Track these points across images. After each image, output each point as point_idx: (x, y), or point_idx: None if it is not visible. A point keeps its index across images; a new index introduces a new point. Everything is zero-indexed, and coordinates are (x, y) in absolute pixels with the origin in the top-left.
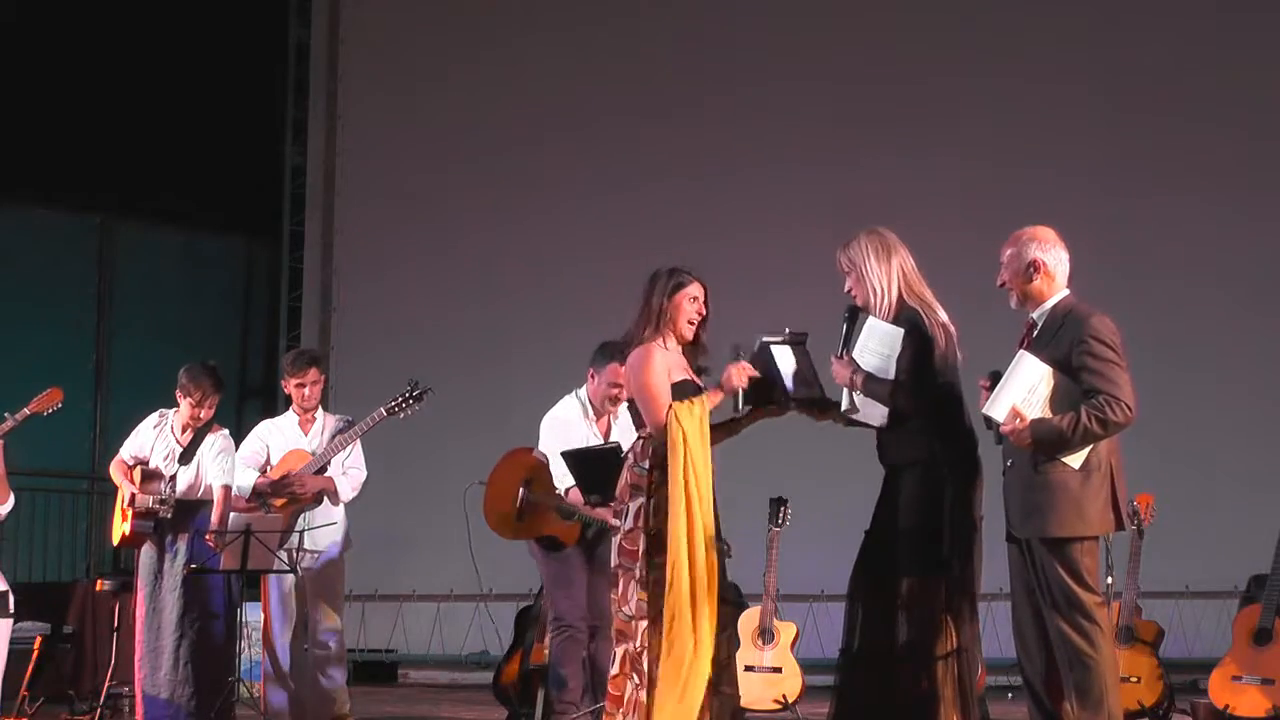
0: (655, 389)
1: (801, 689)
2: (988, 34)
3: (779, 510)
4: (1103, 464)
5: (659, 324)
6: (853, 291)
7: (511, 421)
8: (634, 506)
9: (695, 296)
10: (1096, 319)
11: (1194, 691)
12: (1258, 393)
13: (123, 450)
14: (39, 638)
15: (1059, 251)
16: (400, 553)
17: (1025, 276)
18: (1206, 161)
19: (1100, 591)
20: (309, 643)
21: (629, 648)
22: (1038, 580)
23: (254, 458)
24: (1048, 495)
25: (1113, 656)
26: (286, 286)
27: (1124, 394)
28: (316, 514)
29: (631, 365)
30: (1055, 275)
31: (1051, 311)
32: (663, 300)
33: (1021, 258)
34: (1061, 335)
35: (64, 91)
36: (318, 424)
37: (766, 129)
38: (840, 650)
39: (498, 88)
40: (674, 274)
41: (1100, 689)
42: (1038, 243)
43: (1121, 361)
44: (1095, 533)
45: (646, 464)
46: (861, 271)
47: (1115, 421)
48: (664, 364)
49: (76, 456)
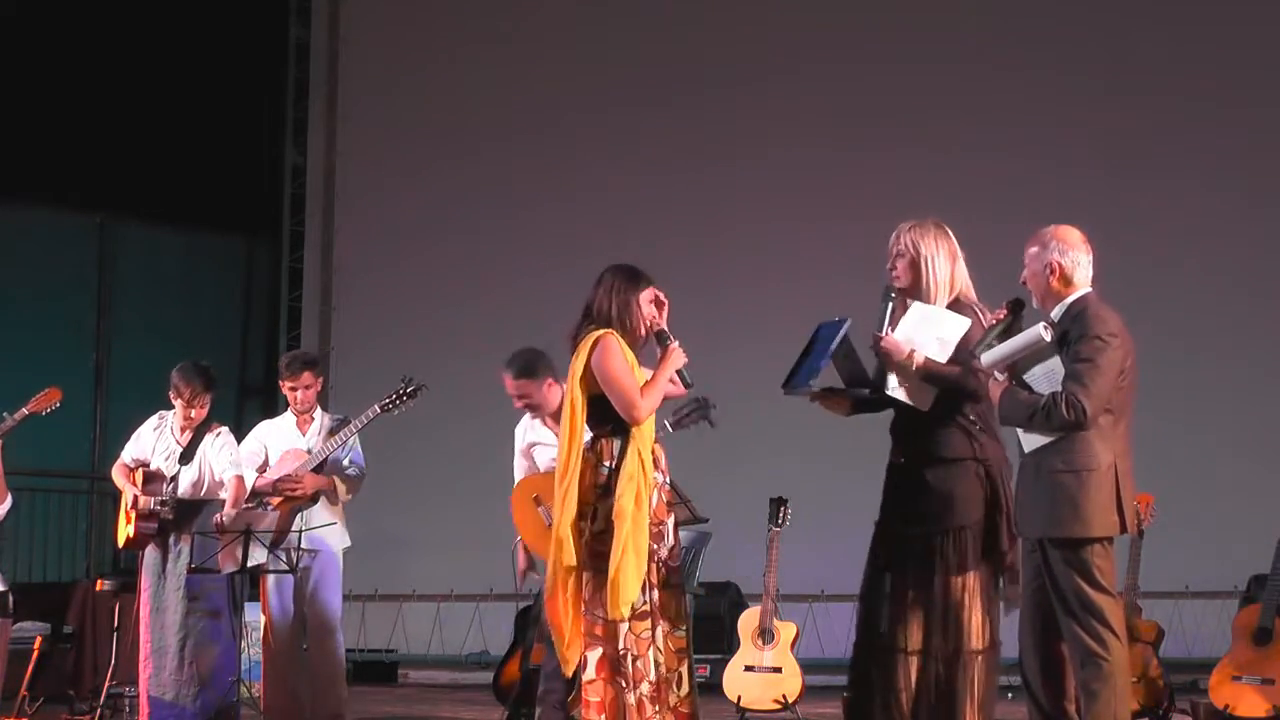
0: (626, 375)
1: (801, 689)
2: (997, 29)
3: (779, 510)
4: (1103, 465)
5: (613, 324)
6: (897, 273)
7: (512, 421)
8: (602, 509)
9: (652, 298)
10: (1102, 323)
11: (1194, 691)
12: (1257, 393)
13: (124, 454)
14: (39, 638)
15: (1077, 254)
16: (400, 553)
17: (1044, 277)
18: (1210, 164)
19: (1115, 594)
20: (308, 642)
21: (605, 650)
22: (1050, 581)
23: (252, 458)
24: (1050, 496)
25: (1125, 660)
26: (286, 286)
27: (1087, 398)
28: (314, 514)
29: (601, 353)
30: (1073, 277)
31: (1067, 310)
32: (618, 300)
33: (1041, 259)
34: (1072, 330)
35: (64, 92)
36: (315, 424)
37: (768, 129)
38: (857, 643)
39: (498, 87)
40: (629, 274)
41: (1110, 692)
42: (1057, 243)
43: (1108, 370)
44: (1097, 534)
45: (609, 463)
46: (925, 262)
47: (1063, 419)
48: (624, 352)
49: (76, 456)
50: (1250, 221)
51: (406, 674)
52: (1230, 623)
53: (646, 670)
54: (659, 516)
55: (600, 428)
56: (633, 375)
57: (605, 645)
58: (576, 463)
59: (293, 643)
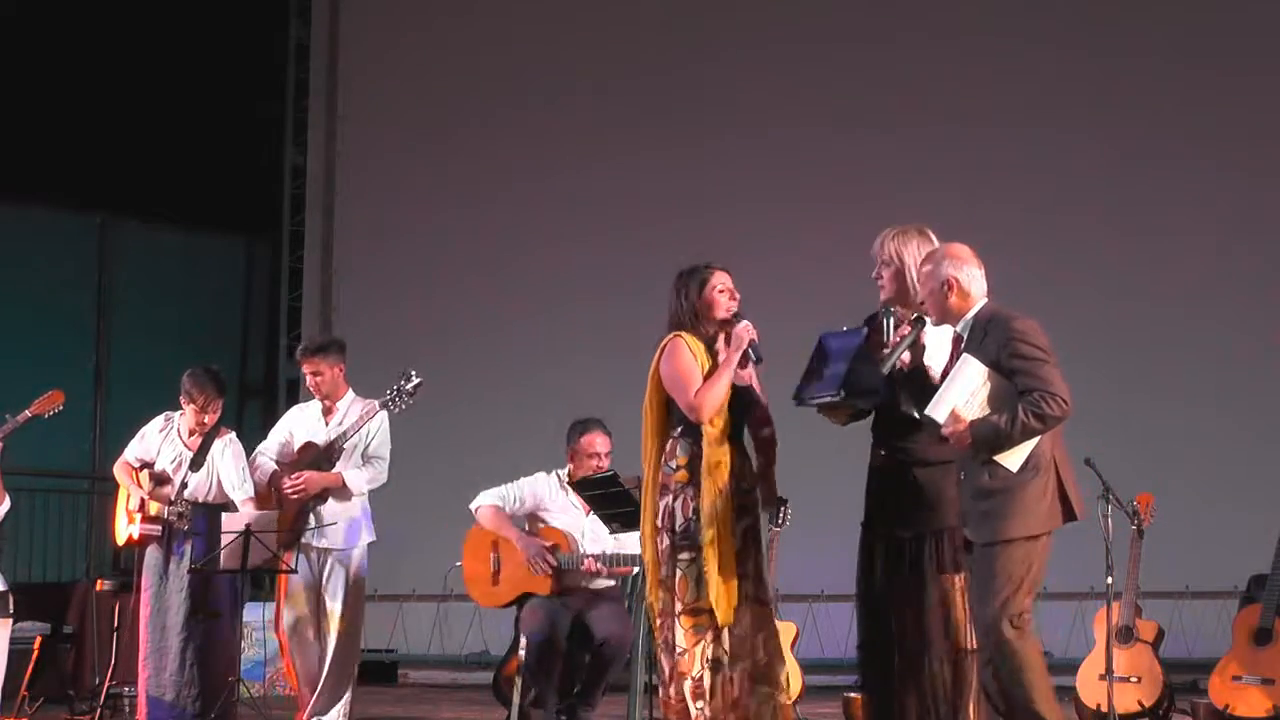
0: (687, 374)
1: (801, 689)
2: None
3: (779, 510)
4: (1045, 460)
5: (693, 324)
6: (883, 282)
7: (511, 419)
8: (661, 505)
9: (723, 287)
10: (1020, 321)
11: (1194, 691)
12: (1258, 392)
13: (127, 452)
14: (39, 638)
15: (971, 268)
16: (400, 553)
17: (940, 294)
18: (1212, 160)
19: (1038, 593)
20: (318, 638)
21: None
22: (978, 574)
23: (277, 447)
24: (997, 501)
25: (1039, 659)
26: (286, 286)
27: (1058, 388)
28: (324, 511)
29: (665, 356)
30: (970, 290)
31: (974, 321)
32: (694, 300)
33: (936, 276)
34: (987, 342)
35: (64, 91)
36: (339, 413)
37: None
38: (861, 645)
39: (499, 87)
40: (695, 272)
41: (1026, 687)
42: (949, 260)
43: (1050, 358)
44: (1045, 529)
45: (673, 464)
46: (910, 271)
47: (1052, 415)
48: (691, 353)
49: (76, 456)
50: (1251, 221)
51: (406, 674)
52: (1230, 623)
53: (691, 665)
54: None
55: (671, 429)
56: (695, 375)
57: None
58: (651, 468)
59: (305, 639)
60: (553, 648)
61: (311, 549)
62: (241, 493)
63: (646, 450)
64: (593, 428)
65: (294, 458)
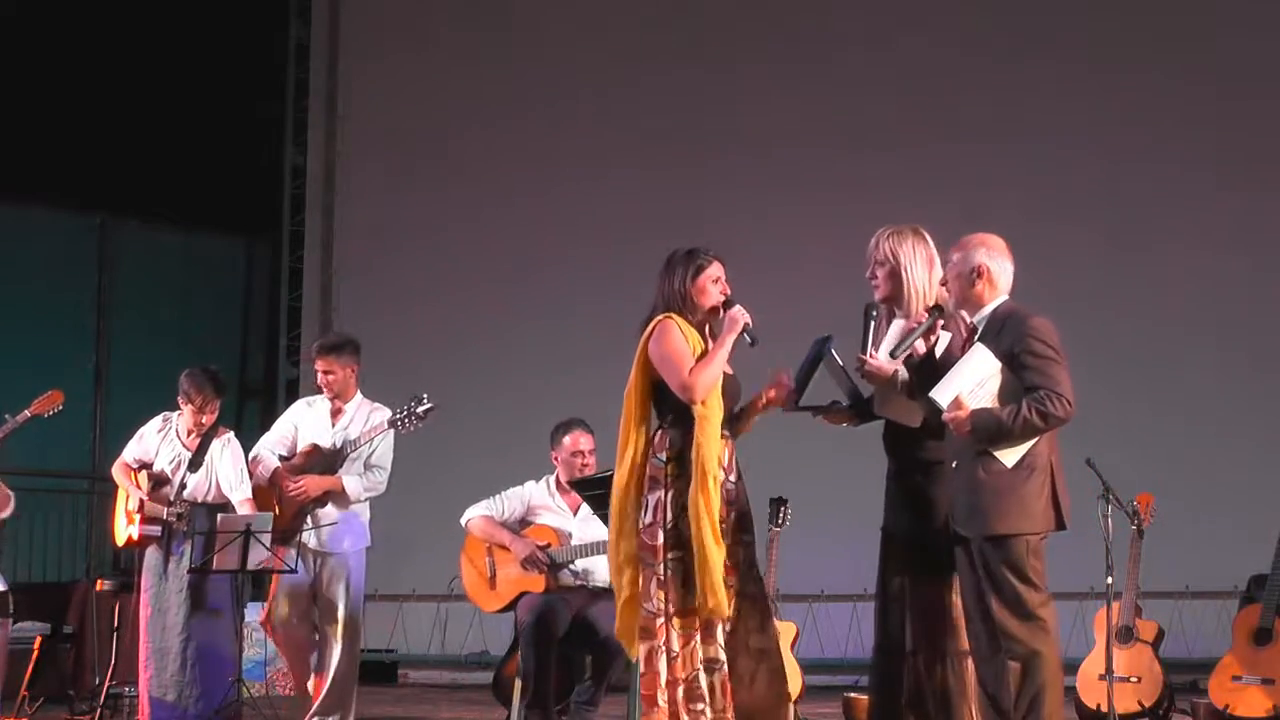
0: (679, 354)
1: (801, 689)
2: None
3: (779, 510)
4: (1042, 462)
5: (681, 309)
6: (877, 282)
7: (512, 421)
8: (652, 500)
9: (717, 277)
10: (1037, 320)
11: (1194, 691)
12: (1257, 392)
13: (125, 453)
14: (39, 638)
15: (1004, 261)
16: (400, 553)
17: (968, 280)
18: (1213, 161)
19: (1045, 589)
20: (320, 643)
21: (653, 644)
22: (987, 578)
23: (280, 442)
24: (990, 494)
25: (1056, 657)
26: (286, 286)
27: (1064, 390)
28: (321, 514)
29: (655, 336)
30: (998, 283)
31: (991, 315)
32: (686, 285)
33: (967, 261)
34: (1002, 336)
35: (64, 91)
36: (347, 415)
37: (769, 123)
38: (877, 646)
39: (499, 87)
40: (692, 255)
41: (1039, 685)
42: (985, 249)
43: (1061, 360)
44: (1039, 530)
45: (663, 455)
46: (905, 271)
47: (1055, 415)
48: (683, 334)
49: (76, 456)
50: (1251, 221)
51: (406, 674)
52: (1230, 623)
53: (684, 668)
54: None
55: (661, 419)
56: (687, 355)
57: (653, 640)
58: (633, 455)
59: (298, 640)
60: (547, 630)
61: (308, 551)
62: (239, 493)
63: (626, 438)
64: (575, 427)
65: (298, 457)
